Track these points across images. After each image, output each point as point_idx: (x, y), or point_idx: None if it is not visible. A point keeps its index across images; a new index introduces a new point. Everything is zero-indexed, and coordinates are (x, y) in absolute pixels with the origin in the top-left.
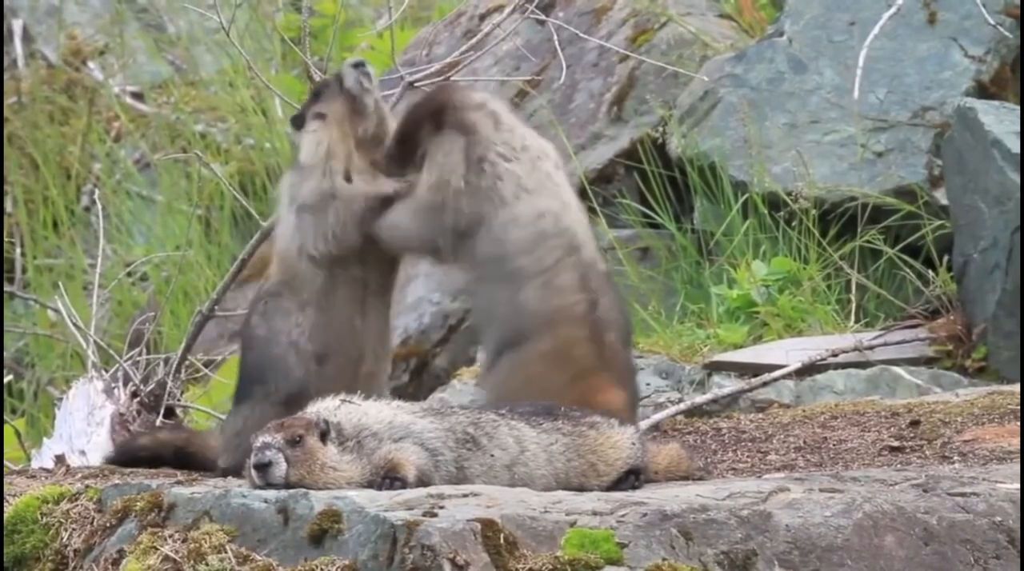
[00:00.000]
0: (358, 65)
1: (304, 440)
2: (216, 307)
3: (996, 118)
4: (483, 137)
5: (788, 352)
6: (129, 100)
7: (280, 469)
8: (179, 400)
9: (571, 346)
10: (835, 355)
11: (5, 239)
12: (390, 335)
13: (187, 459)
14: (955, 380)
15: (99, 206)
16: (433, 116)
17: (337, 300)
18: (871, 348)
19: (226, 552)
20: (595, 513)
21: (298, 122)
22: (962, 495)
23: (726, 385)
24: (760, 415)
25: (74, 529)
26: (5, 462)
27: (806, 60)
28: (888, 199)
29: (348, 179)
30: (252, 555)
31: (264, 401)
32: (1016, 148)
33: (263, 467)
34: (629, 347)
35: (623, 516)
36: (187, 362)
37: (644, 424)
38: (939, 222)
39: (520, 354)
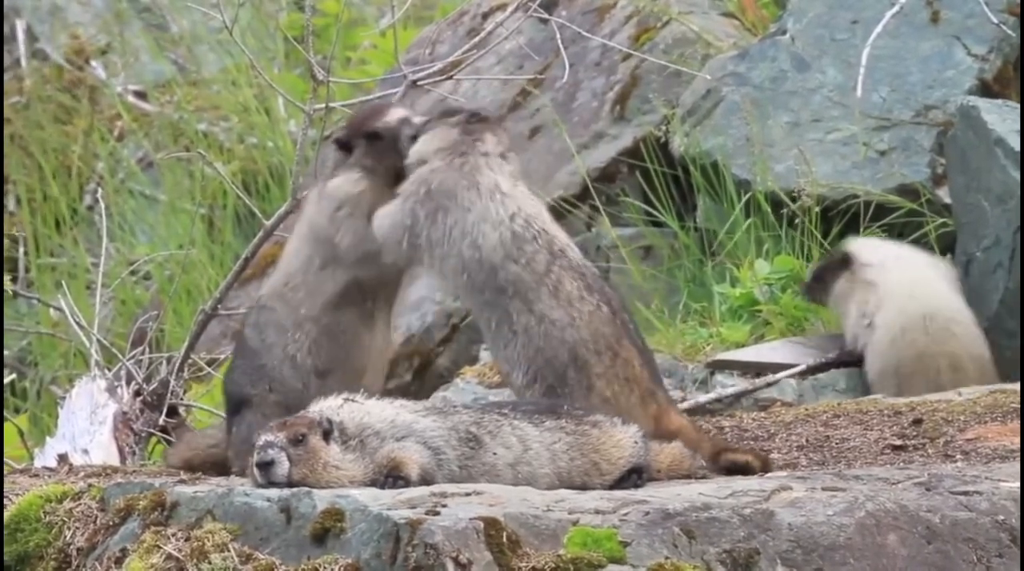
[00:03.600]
0: (415, 137)
1: (307, 439)
2: (219, 306)
3: (999, 117)
4: (481, 149)
5: (792, 351)
6: (132, 99)
7: (282, 468)
8: (182, 399)
9: (624, 366)
10: (836, 356)
11: (7, 238)
12: (389, 349)
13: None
14: None
15: (102, 205)
16: (466, 116)
17: (345, 318)
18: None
19: (229, 551)
20: (598, 512)
21: (346, 148)
22: (965, 494)
23: (729, 384)
24: (762, 413)
25: (77, 528)
26: (8, 461)
27: (809, 59)
28: (891, 197)
29: (357, 217)
30: (255, 554)
31: (263, 404)
32: (1019, 147)
33: (265, 466)
34: (645, 341)
35: (626, 515)
36: (190, 361)
37: None
38: (942, 221)
39: (581, 381)
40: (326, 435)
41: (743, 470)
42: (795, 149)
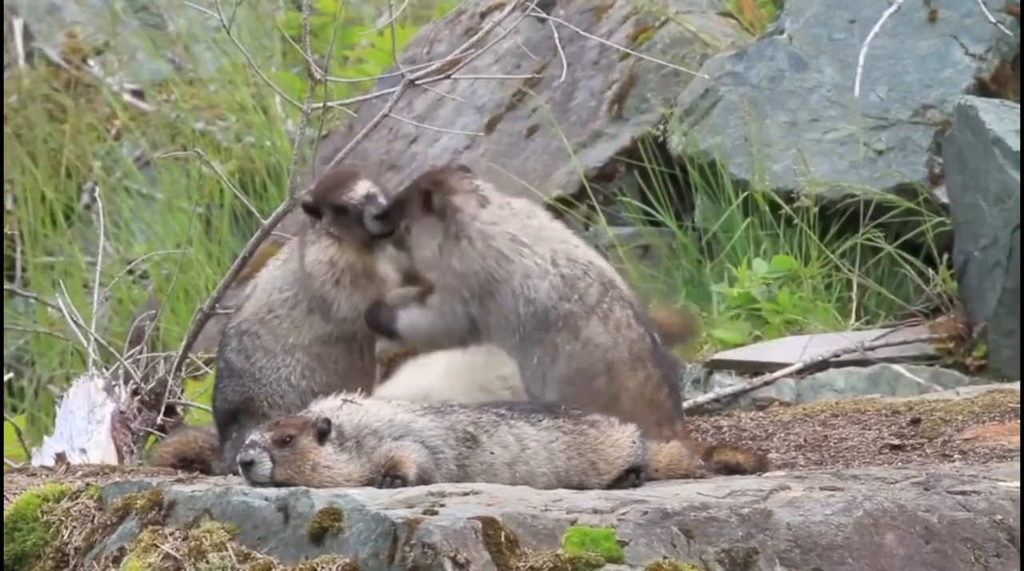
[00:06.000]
0: (380, 217)
1: (296, 440)
2: (217, 305)
3: (997, 116)
4: (465, 215)
5: (790, 350)
6: (129, 98)
7: (263, 468)
8: (180, 398)
9: (653, 389)
10: (837, 356)
11: (5, 237)
12: (376, 370)
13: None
14: (956, 378)
15: (99, 204)
16: (424, 196)
17: (336, 350)
18: (873, 348)
19: (227, 550)
20: (596, 511)
21: (314, 213)
22: (963, 493)
23: (727, 383)
24: (761, 413)
25: (75, 527)
26: (6, 460)
27: (807, 58)
28: (889, 197)
29: (345, 285)
30: (252, 553)
31: (260, 416)
32: (1017, 146)
33: (246, 465)
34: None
35: (624, 514)
36: (188, 360)
37: None
38: (939, 220)
39: (609, 389)
40: (321, 436)
41: (735, 470)
42: (793, 149)
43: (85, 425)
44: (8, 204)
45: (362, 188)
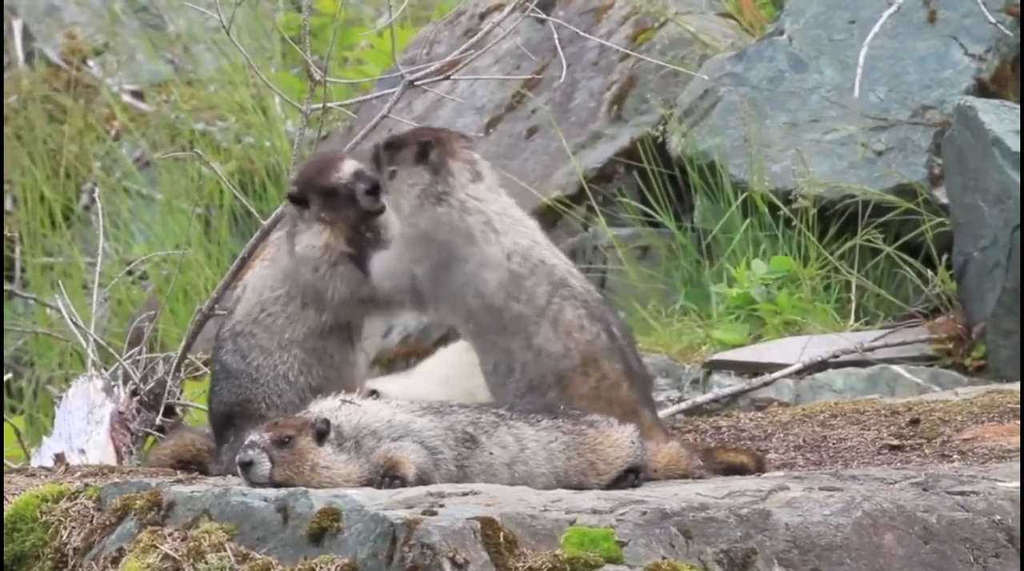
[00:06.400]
0: (370, 191)
1: (294, 441)
2: (216, 306)
3: (996, 117)
4: (455, 181)
5: (789, 350)
6: (129, 99)
7: (263, 468)
8: (179, 399)
9: (610, 387)
10: (836, 356)
11: (4, 237)
12: (367, 364)
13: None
14: (955, 379)
15: (99, 205)
16: (421, 146)
17: (330, 343)
18: (872, 349)
19: (225, 551)
20: (595, 511)
21: (301, 202)
22: (961, 494)
23: (726, 384)
24: (760, 413)
25: (74, 527)
26: (5, 460)
27: (806, 59)
28: (888, 197)
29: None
30: (251, 554)
31: (257, 418)
32: (1016, 147)
33: (245, 466)
34: (644, 367)
35: (623, 515)
36: (187, 361)
37: None
38: (939, 221)
39: (563, 398)
40: (320, 436)
41: (738, 470)
42: (792, 149)
43: (84, 426)
44: (7, 205)
45: (349, 166)
